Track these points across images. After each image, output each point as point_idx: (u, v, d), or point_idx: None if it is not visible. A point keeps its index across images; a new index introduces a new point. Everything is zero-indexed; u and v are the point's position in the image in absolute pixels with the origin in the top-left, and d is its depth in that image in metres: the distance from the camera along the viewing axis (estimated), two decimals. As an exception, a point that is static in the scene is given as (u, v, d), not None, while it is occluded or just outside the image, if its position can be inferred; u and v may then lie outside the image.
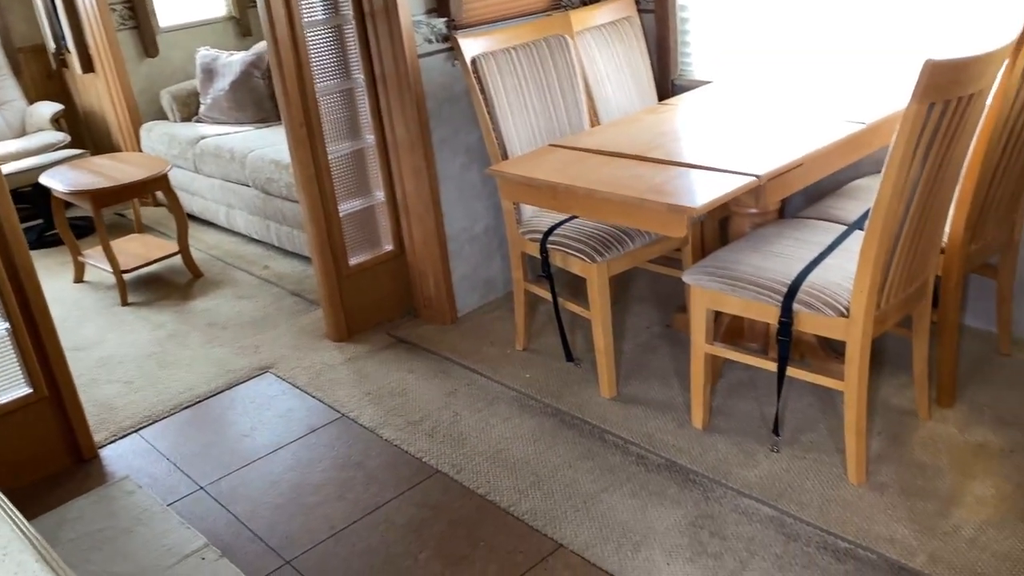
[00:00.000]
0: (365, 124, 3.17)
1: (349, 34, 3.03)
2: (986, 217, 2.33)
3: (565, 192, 2.22)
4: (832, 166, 2.34)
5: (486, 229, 3.36)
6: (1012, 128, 2.15)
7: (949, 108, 1.83)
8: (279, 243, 4.06)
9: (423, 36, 2.97)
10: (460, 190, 3.22)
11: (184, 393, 3.00)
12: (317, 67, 2.99)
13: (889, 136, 2.46)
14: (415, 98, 2.96)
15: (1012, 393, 2.50)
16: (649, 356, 2.91)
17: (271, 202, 3.96)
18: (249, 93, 4.59)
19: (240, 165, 4.07)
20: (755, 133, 2.42)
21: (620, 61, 3.16)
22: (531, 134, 2.84)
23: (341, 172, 3.16)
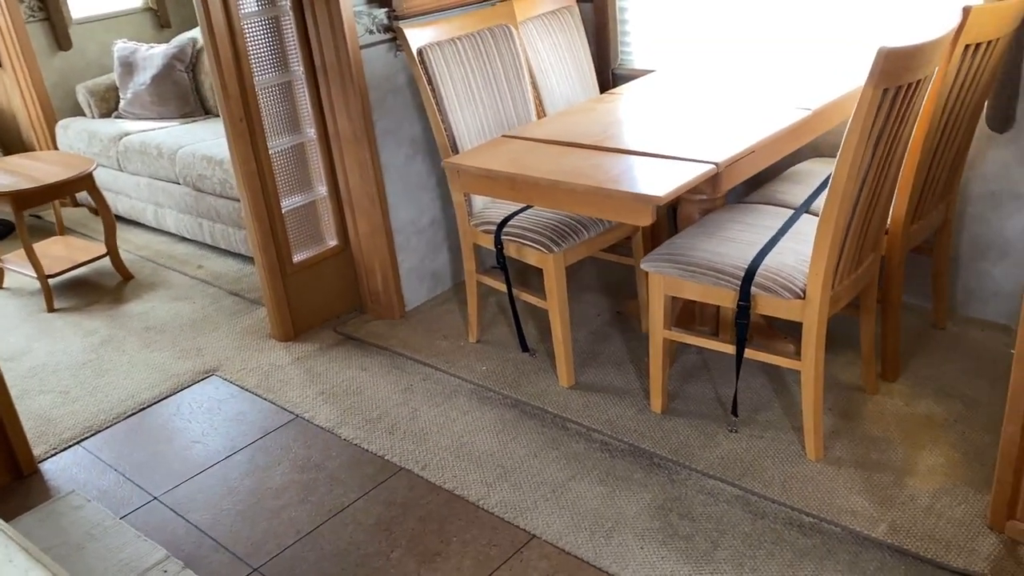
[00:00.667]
0: (306, 117, 3.09)
1: (287, 25, 2.95)
2: (925, 198, 2.42)
3: (525, 183, 2.21)
4: (780, 152, 2.40)
5: (432, 221, 3.33)
6: (949, 112, 2.25)
7: (900, 93, 1.90)
8: (213, 241, 3.94)
9: (364, 27, 2.91)
10: (405, 182, 3.18)
11: (126, 401, 2.88)
12: (255, 60, 2.90)
13: (832, 122, 2.54)
14: (358, 90, 2.91)
15: (950, 365, 2.62)
16: (602, 343, 2.94)
17: (204, 199, 3.83)
18: (173, 87, 4.43)
19: (169, 162, 3.92)
20: (704, 121, 2.46)
21: (562, 51, 3.17)
22: (479, 125, 2.83)
23: (283, 167, 3.08)
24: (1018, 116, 2.52)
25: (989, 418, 2.36)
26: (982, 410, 2.40)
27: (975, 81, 2.26)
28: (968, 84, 2.23)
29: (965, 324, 2.81)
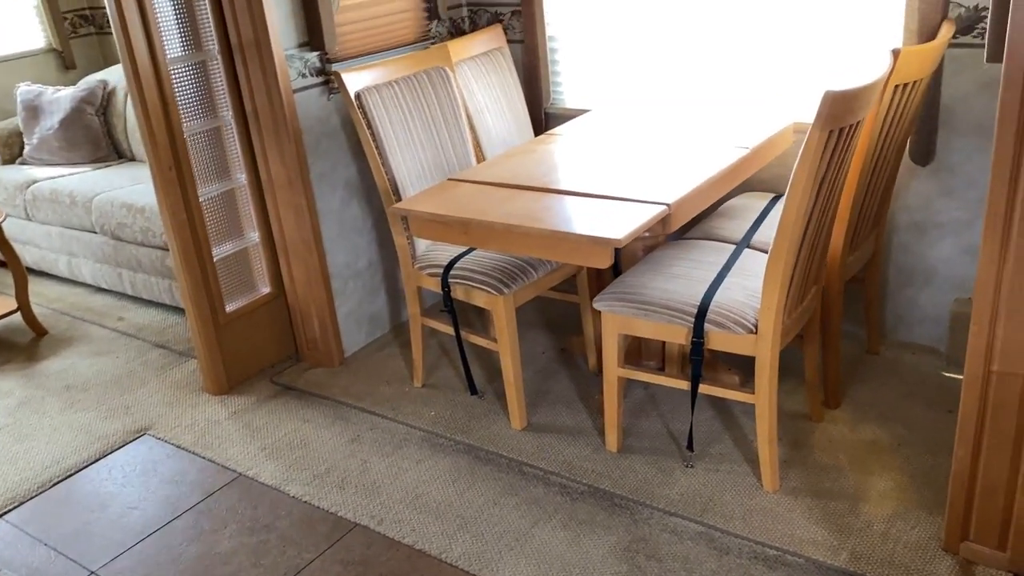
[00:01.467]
0: (236, 163, 3.00)
1: (215, 70, 2.87)
2: (859, 230, 2.52)
3: (479, 228, 2.20)
4: (723, 190, 2.45)
5: (369, 263, 3.27)
6: (880, 148, 2.34)
7: (843, 134, 1.97)
8: (134, 292, 3.76)
9: (297, 71, 2.86)
10: (341, 225, 3.12)
11: (51, 467, 2.70)
12: (184, 106, 2.80)
13: (766, 159, 2.62)
14: (292, 134, 2.84)
15: (888, 389, 2.71)
16: (550, 381, 2.93)
17: (124, 248, 3.66)
18: (83, 131, 4.24)
19: (84, 210, 3.74)
20: (647, 161, 2.50)
21: (496, 91, 3.18)
22: (420, 167, 2.80)
23: (213, 215, 2.97)
24: (938, 150, 2.65)
25: (931, 440, 2.45)
26: (923, 432, 2.49)
27: (901, 118, 2.37)
28: (895, 121, 2.34)
29: (897, 349, 2.92)
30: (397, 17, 3.16)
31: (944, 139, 2.63)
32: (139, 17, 2.64)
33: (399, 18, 3.17)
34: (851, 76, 2.57)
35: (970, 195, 2.65)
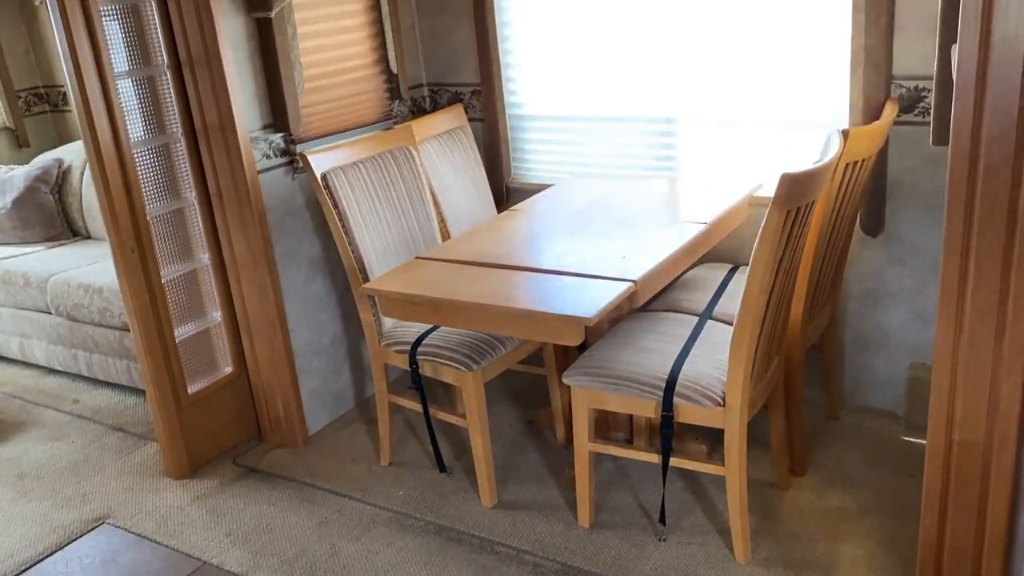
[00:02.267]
0: (199, 243, 2.99)
1: (179, 153, 2.88)
2: (816, 300, 2.60)
3: (450, 307, 2.22)
4: (684, 264, 2.52)
5: (333, 340, 3.26)
6: (833, 222, 2.44)
7: (800, 213, 2.05)
8: (90, 373, 3.68)
9: (261, 152, 2.88)
10: (304, 303, 3.11)
11: (4, 562, 2.60)
12: (147, 188, 2.80)
13: (722, 233, 2.70)
14: (256, 214, 2.85)
15: (851, 455, 2.77)
16: (519, 456, 2.93)
17: (80, 329, 3.59)
18: (37, 210, 4.19)
19: (39, 291, 3.67)
20: (611, 236, 2.55)
21: (459, 168, 3.24)
22: (386, 246, 2.82)
23: (176, 295, 2.95)
24: (887, 221, 2.77)
25: (896, 505, 2.49)
26: (888, 498, 2.53)
27: (852, 193, 2.47)
28: (847, 197, 2.44)
29: (857, 414, 2.99)
30: (360, 98, 3.21)
31: (892, 211, 2.75)
32: (102, 101, 2.66)
33: (362, 99, 3.23)
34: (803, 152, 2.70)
35: (919, 263, 2.75)
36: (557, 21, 3.18)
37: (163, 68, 2.79)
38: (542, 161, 3.43)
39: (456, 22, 3.37)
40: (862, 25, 2.57)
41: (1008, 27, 1.58)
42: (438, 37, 3.44)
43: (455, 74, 3.47)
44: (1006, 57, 1.59)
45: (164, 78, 2.81)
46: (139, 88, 2.77)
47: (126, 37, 2.73)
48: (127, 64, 2.74)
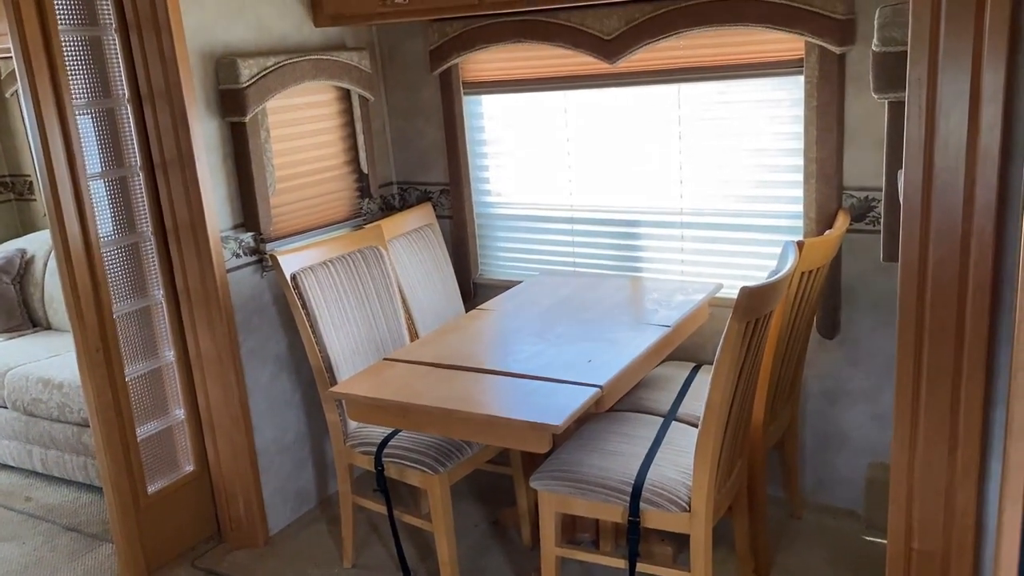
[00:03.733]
0: (165, 341, 2.98)
1: (147, 251, 2.89)
2: (777, 401, 2.66)
3: (418, 412, 2.23)
4: (648, 367, 2.57)
5: (297, 437, 3.23)
6: (790, 327, 2.52)
7: (759, 323, 2.12)
8: (44, 469, 3.59)
9: (231, 251, 2.91)
10: (270, 400, 3.10)
11: (-54, 678, 2.49)
12: (114, 287, 2.80)
13: (684, 335, 2.77)
14: (224, 313, 2.86)
15: (813, 554, 2.79)
16: (485, 558, 2.90)
17: (36, 424, 3.52)
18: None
19: (-4, 385, 3.61)
20: (577, 338, 2.60)
21: (428, 266, 3.29)
22: (354, 345, 2.84)
23: (139, 394, 2.92)
24: (842, 324, 2.86)
25: (859, 608, 2.51)
26: (851, 601, 2.55)
27: (808, 299, 2.56)
28: (803, 303, 2.53)
29: (819, 512, 3.02)
30: (331, 197, 3.27)
31: (847, 314, 2.84)
32: (73, 201, 2.67)
33: (333, 197, 3.29)
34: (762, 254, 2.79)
35: (874, 364, 2.84)
36: (525, 124, 3.30)
37: (136, 169, 2.83)
38: (509, 258, 3.50)
39: (427, 124, 3.47)
40: (814, 139, 2.70)
41: (949, 158, 1.68)
42: (409, 138, 3.54)
43: (425, 173, 3.55)
44: (949, 186, 1.69)
45: (137, 178, 2.84)
46: (111, 188, 2.80)
47: (100, 137, 2.77)
48: (100, 165, 2.77)
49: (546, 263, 3.41)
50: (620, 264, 3.25)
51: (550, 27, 2.97)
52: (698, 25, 2.74)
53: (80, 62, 2.69)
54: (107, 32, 2.72)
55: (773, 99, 2.81)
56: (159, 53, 2.69)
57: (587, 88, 3.12)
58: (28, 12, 2.52)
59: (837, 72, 2.62)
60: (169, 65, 2.69)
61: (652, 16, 2.80)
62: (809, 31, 2.58)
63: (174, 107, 2.73)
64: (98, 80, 2.74)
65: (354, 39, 3.34)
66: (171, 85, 2.71)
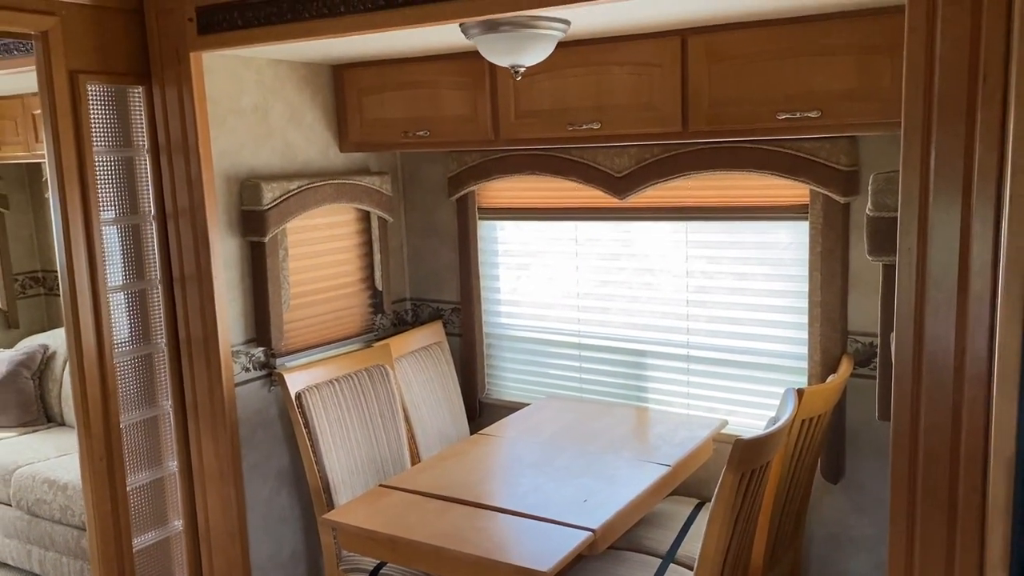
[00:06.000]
0: (169, 451, 3.00)
1: (160, 363, 2.95)
2: (778, 546, 2.60)
3: (408, 547, 2.22)
4: (646, 508, 2.54)
5: (293, 553, 3.20)
6: (791, 473, 2.49)
7: (755, 473, 2.11)
8: (41, 571, 3.57)
9: (241, 365, 2.96)
10: (267, 516, 3.09)
11: None
12: (125, 397, 2.85)
13: (688, 471, 2.75)
14: (229, 427, 2.88)
15: None
16: None
17: (38, 525, 3.53)
18: (15, 395, 4.21)
19: (3, 483, 3.64)
20: (577, 473, 2.59)
21: (434, 384, 3.31)
22: (353, 465, 2.84)
23: (139, 504, 2.92)
24: (847, 469, 2.82)
25: None
26: None
27: (810, 446, 2.54)
28: (805, 449, 2.51)
29: (823, 665, 2.91)
30: (344, 312, 3.34)
31: (852, 459, 2.81)
32: (91, 310, 2.75)
33: (346, 313, 3.35)
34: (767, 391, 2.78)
35: (880, 512, 2.78)
36: (536, 250, 3.37)
37: (155, 282, 2.92)
38: (516, 379, 3.52)
39: (442, 245, 3.56)
40: (818, 283, 2.74)
41: (939, 326, 1.70)
42: (424, 257, 3.62)
43: (438, 291, 3.62)
44: (940, 355, 1.70)
45: (155, 292, 2.92)
46: (130, 300, 2.88)
47: (124, 250, 2.87)
48: (122, 277, 2.86)
49: (553, 386, 3.42)
50: (626, 393, 3.25)
51: (563, 162, 3.07)
52: (705, 169, 2.82)
53: (111, 179, 2.81)
54: (140, 153, 2.86)
55: (778, 242, 2.86)
56: (186, 174, 2.81)
57: (597, 220, 3.20)
58: (66, 134, 2.66)
59: (841, 220, 2.67)
60: (195, 186, 2.81)
61: (661, 158, 2.89)
62: (814, 180, 2.64)
63: (196, 225, 2.83)
64: (127, 197, 2.86)
65: (378, 163, 3.47)
66: (195, 205, 2.81)
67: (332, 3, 2.40)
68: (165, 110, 2.81)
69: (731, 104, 2.50)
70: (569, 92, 2.75)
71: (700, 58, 2.52)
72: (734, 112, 2.50)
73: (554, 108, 2.79)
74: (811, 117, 2.37)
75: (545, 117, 2.82)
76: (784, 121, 2.42)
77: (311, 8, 2.44)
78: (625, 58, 2.64)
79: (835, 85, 2.34)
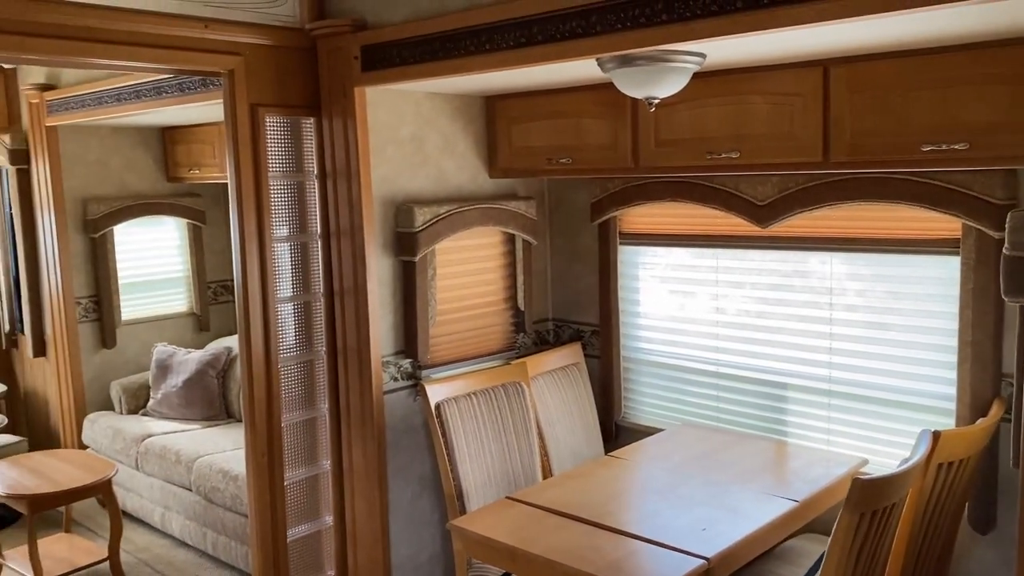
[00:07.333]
0: (324, 450, 3.27)
1: (319, 369, 3.22)
2: (913, 598, 2.49)
3: (525, 558, 2.32)
4: (771, 541, 2.51)
5: (431, 556, 3.38)
6: (929, 519, 2.38)
7: (877, 515, 2.04)
8: (214, 552, 3.96)
9: (390, 375, 3.18)
10: (409, 518, 3.28)
11: None
12: (287, 398, 3.14)
13: (820, 508, 2.68)
14: (376, 432, 3.10)
15: None
16: None
17: (213, 510, 3.92)
18: (202, 391, 4.69)
19: (186, 469, 4.07)
20: (701, 499, 2.59)
21: (569, 404, 3.40)
22: (486, 476, 2.98)
23: (295, 498, 3.20)
24: (999, 519, 2.65)
25: None
26: None
27: (952, 491, 2.41)
28: (945, 494, 2.38)
29: None
30: (487, 330, 3.50)
31: (1005, 509, 2.63)
32: (261, 319, 3.06)
33: (489, 330, 3.51)
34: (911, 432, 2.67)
35: (1036, 570, 2.59)
36: (676, 276, 3.40)
37: (319, 295, 3.20)
38: (653, 404, 3.55)
39: (584, 268, 3.65)
40: (969, 322, 2.60)
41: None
42: (567, 280, 3.73)
43: (579, 313, 3.71)
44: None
45: (318, 304, 3.21)
46: (296, 311, 3.17)
47: (292, 266, 3.17)
48: (291, 289, 3.16)
49: (689, 413, 3.42)
50: (764, 425, 3.20)
51: (705, 190, 3.09)
52: (852, 199, 2.75)
53: (284, 201, 3.12)
54: (309, 178, 3.15)
55: (927, 276, 2.74)
56: (348, 198, 3.07)
57: (738, 248, 3.18)
58: (245, 160, 2.98)
59: (995, 256, 2.53)
60: (355, 209, 3.06)
61: (806, 187, 2.85)
62: (966, 214, 2.52)
63: (355, 244, 3.09)
64: (297, 217, 3.16)
65: (525, 188, 3.62)
66: (355, 226, 3.07)
67: (479, 41, 2.57)
68: (332, 139, 3.09)
69: (873, 135, 2.44)
70: (708, 121, 2.78)
71: (842, 88, 2.49)
72: (877, 143, 2.44)
73: (693, 137, 2.82)
74: (958, 149, 2.28)
75: (684, 146, 2.85)
76: (929, 153, 2.33)
77: (461, 46, 2.63)
78: (765, 88, 2.64)
79: (985, 116, 2.24)
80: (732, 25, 2.05)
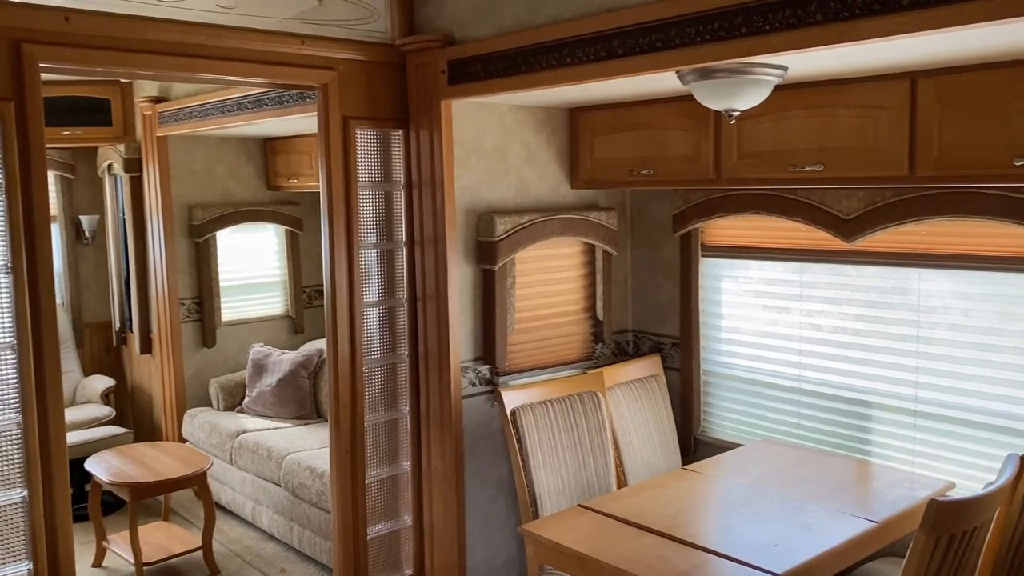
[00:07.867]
0: (404, 452, 3.37)
1: (402, 371, 3.33)
2: (999, 628, 2.39)
3: (594, 566, 2.34)
4: (847, 560, 2.46)
5: (506, 561, 3.43)
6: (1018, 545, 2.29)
7: (957, 538, 1.99)
8: (299, 546, 4.12)
9: (468, 380, 3.25)
10: (485, 522, 3.34)
11: None
12: (370, 399, 3.25)
13: (901, 531, 2.61)
14: (454, 435, 3.18)
15: None
16: None
17: (299, 506, 4.07)
18: (294, 391, 4.88)
19: (276, 465, 4.24)
20: (776, 518, 2.56)
21: (647, 416, 3.40)
22: (560, 483, 3.02)
23: (375, 496, 3.31)
24: (1095, 552, 2.52)
25: None
26: None
27: (1043, 519, 2.32)
28: (1035, 522, 2.29)
29: None
30: (566, 339, 3.54)
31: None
32: (348, 322, 3.18)
33: (567, 339, 3.55)
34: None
35: None
36: (759, 289, 3.36)
37: (403, 300, 3.31)
38: (733, 419, 3.51)
39: (665, 280, 3.65)
40: (1065, 343, 2.49)
41: None
42: (648, 291, 3.73)
43: (659, 325, 3.71)
44: None
45: (402, 309, 3.31)
46: (381, 315, 3.29)
47: (379, 272, 3.28)
48: (377, 294, 3.27)
49: (770, 429, 3.37)
50: (846, 444, 3.13)
51: (788, 202, 3.05)
52: (940, 215, 2.68)
53: (372, 209, 3.24)
54: (396, 188, 3.26)
55: (1016, 295, 2.64)
56: (432, 207, 3.17)
57: (822, 263, 3.13)
58: (337, 170, 3.12)
59: (1095, 275, 2.42)
60: (439, 218, 3.16)
61: (893, 201, 2.79)
62: (1062, 230, 2.43)
63: (438, 252, 3.18)
64: (384, 225, 3.28)
65: (607, 199, 3.64)
66: (438, 234, 3.16)
67: (560, 55, 2.63)
68: (419, 151, 3.19)
69: (963, 149, 2.38)
70: (791, 134, 2.75)
71: (930, 101, 2.43)
72: (966, 157, 2.38)
73: (776, 149, 2.80)
74: (1053, 163, 2.20)
75: (767, 158, 2.83)
76: (1022, 167, 2.26)
77: (543, 60, 2.68)
78: (849, 100, 2.60)
79: (1083, 129, 2.15)
80: (811, 38, 2.04)
